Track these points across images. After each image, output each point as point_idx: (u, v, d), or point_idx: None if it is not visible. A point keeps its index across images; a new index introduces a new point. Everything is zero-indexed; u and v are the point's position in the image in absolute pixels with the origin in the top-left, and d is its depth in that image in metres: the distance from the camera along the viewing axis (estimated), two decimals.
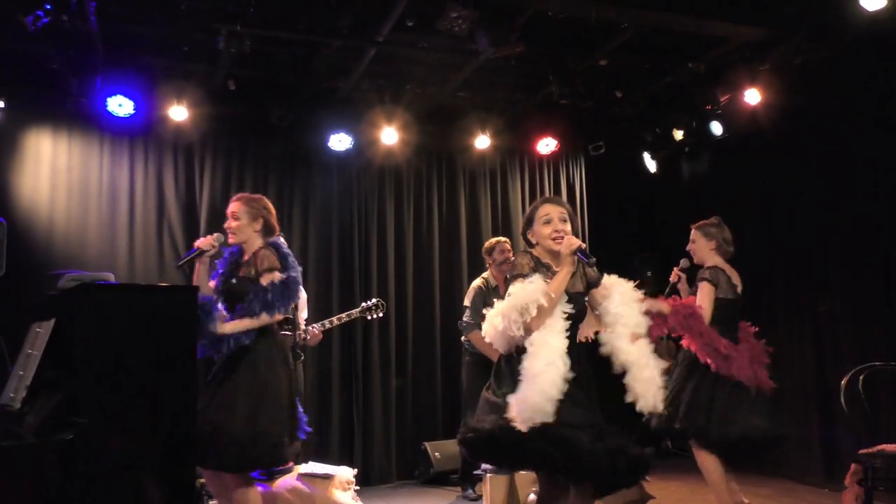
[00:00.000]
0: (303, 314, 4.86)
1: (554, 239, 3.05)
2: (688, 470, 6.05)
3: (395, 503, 5.32)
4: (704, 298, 4.05)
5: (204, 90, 5.64)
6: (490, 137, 6.51)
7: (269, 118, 5.93)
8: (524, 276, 3.00)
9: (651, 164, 7.08)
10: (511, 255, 5.32)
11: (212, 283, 3.63)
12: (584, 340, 3.21)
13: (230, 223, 3.67)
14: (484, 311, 3.22)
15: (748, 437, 3.92)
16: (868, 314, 5.24)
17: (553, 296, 2.93)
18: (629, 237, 7.36)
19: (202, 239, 3.64)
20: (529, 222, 3.18)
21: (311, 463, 4.49)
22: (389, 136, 6.15)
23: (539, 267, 3.04)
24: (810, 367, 5.66)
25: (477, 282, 5.34)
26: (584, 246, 3.00)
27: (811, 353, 5.65)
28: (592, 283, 3.16)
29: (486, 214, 6.83)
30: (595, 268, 3.18)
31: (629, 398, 3.07)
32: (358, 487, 4.50)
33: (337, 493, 4.20)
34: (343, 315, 5.08)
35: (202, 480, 4.71)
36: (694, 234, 4.35)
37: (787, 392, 5.62)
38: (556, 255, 3.06)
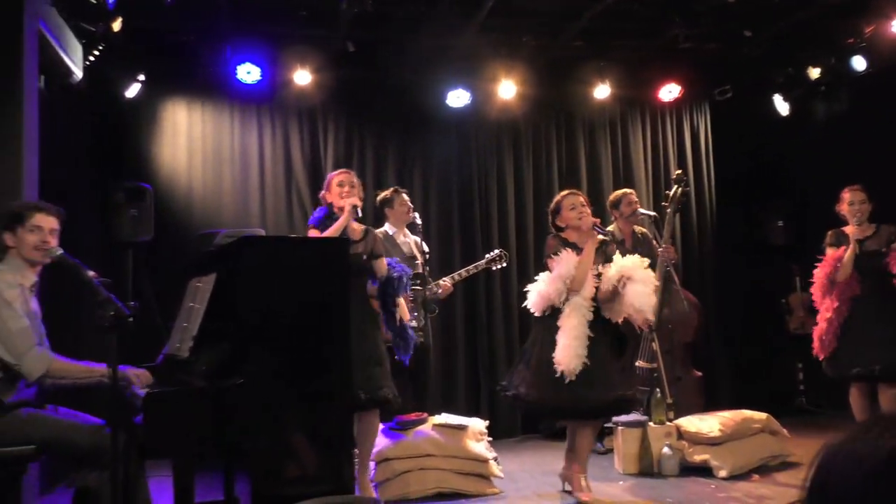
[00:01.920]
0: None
1: (580, 218, 3.85)
2: (825, 427, 5.82)
3: (523, 456, 5.37)
4: None
5: (325, 54, 5.76)
6: (610, 87, 6.33)
7: (387, 78, 6.00)
8: (556, 254, 3.83)
9: (782, 107, 6.69)
10: (639, 206, 5.20)
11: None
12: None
13: (355, 191, 3.99)
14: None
15: None
16: None
17: (584, 264, 3.74)
18: (757, 186, 7.03)
19: (353, 199, 3.94)
20: (557, 211, 3.95)
21: (444, 414, 4.60)
22: (507, 90, 6.09)
23: (567, 246, 3.82)
24: None
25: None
26: (598, 222, 3.84)
27: None
28: (608, 258, 3.92)
29: (607, 166, 6.68)
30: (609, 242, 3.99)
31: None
32: (490, 439, 4.57)
33: (471, 444, 4.28)
34: (471, 267, 5.13)
35: None
36: (865, 195, 4.58)
37: None
38: (581, 233, 3.85)
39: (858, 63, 5.83)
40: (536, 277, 3.98)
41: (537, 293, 3.85)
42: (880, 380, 4.45)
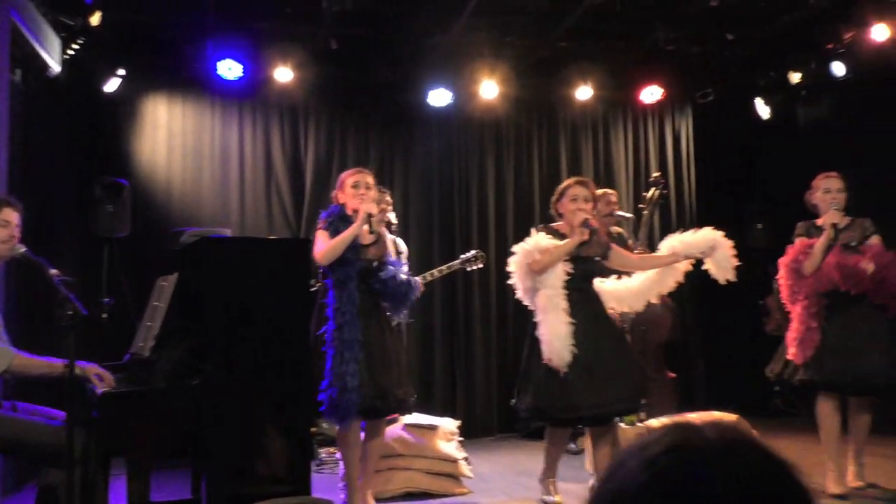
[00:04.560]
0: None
1: (573, 213, 3.73)
2: (799, 428, 5.85)
3: (497, 456, 5.40)
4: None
5: (307, 51, 5.75)
6: (592, 88, 6.34)
7: (370, 76, 6.01)
8: None
9: (764, 111, 6.72)
10: (617, 207, 5.20)
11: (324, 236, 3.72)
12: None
13: (370, 193, 3.82)
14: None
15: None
16: None
17: (556, 250, 3.64)
18: (738, 188, 7.06)
19: (368, 205, 3.74)
20: (561, 196, 3.83)
21: (415, 414, 4.61)
22: (489, 89, 6.09)
23: (556, 236, 3.73)
24: None
25: None
26: (590, 220, 3.70)
27: None
28: (605, 251, 3.87)
29: (588, 167, 6.70)
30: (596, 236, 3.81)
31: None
32: (461, 439, 4.59)
33: (441, 444, 4.30)
34: (443, 267, 5.13)
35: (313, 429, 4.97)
36: (842, 183, 4.21)
37: None
38: (571, 228, 3.75)
39: (838, 69, 5.86)
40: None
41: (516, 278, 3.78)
42: (851, 393, 4.19)
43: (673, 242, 3.96)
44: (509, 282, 3.89)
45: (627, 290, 4.10)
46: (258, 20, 5.61)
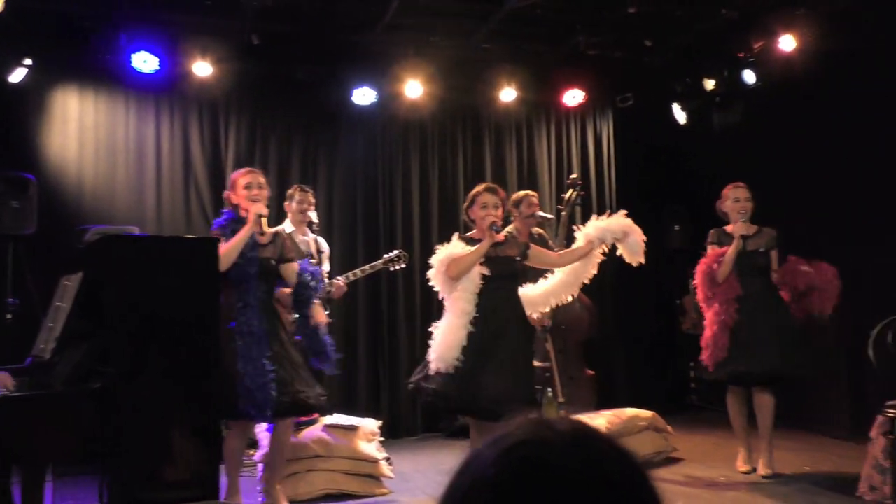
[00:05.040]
0: (325, 267, 4.89)
1: (483, 219, 3.90)
2: (713, 423, 6.07)
3: (421, 455, 5.40)
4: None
5: (228, 46, 5.61)
6: (516, 90, 6.40)
7: (293, 73, 5.91)
8: None
9: (681, 116, 6.92)
10: (538, 208, 5.26)
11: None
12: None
13: (263, 193, 3.84)
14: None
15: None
16: None
17: (468, 255, 3.76)
18: (657, 190, 7.24)
19: (259, 206, 3.79)
20: (472, 203, 4.00)
21: (336, 415, 4.56)
22: (414, 89, 6.08)
23: (471, 244, 3.86)
24: (839, 319, 5.54)
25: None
26: (497, 222, 3.88)
27: (840, 304, 5.53)
28: (523, 250, 4.04)
29: (512, 168, 6.77)
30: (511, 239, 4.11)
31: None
32: (382, 439, 4.57)
33: (361, 444, 4.27)
34: (366, 267, 5.10)
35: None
36: (749, 193, 4.57)
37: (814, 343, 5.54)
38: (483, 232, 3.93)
39: (749, 76, 6.09)
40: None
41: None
42: (753, 384, 4.53)
43: (588, 230, 4.16)
44: (431, 283, 3.93)
45: (553, 286, 4.27)
46: (175, 12, 5.44)
